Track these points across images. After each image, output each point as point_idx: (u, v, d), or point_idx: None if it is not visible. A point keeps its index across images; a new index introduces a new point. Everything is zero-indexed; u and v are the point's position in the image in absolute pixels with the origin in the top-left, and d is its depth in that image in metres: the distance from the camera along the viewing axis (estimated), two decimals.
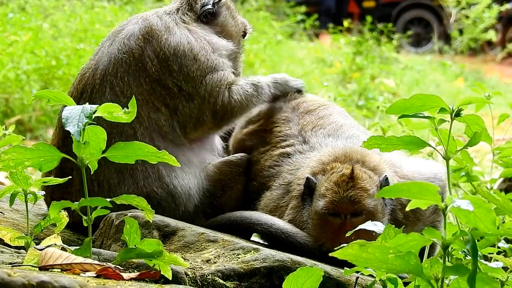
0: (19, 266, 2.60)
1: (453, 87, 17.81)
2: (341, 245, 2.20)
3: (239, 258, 3.09)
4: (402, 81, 16.66)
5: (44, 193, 3.43)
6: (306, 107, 4.11)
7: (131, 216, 3.00)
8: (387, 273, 2.64)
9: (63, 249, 2.74)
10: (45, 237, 3.05)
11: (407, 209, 2.37)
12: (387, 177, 3.55)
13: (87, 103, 2.73)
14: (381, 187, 3.52)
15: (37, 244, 2.89)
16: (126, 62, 3.75)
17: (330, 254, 2.19)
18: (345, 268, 2.63)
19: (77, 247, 2.73)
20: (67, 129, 2.58)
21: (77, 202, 2.66)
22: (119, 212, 3.31)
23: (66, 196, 3.56)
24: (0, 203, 3.66)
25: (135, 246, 2.67)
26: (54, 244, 2.84)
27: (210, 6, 4.07)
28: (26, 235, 3.03)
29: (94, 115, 2.63)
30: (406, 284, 2.64)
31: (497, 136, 4.87)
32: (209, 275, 2.95)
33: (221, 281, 2.96)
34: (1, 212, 3.58)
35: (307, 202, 3.59)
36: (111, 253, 2.87)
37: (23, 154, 2.69)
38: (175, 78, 3.77)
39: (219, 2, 4.11)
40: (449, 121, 2.56)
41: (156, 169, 3.67)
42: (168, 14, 3.96)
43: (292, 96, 4.20)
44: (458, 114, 2.55)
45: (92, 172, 2.71)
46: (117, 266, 2.61)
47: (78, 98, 3.72)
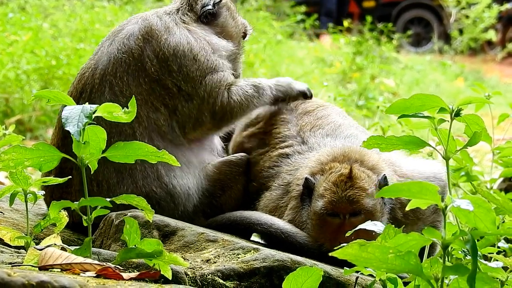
0: (19, 266, 2.60)
1: (453, 87, 17.81)
2: (341, 245, 2.20)
3: (239, 258, 3.09)
4: (402, 81, 16.67)
5: (44, 193, 3.43)
6: (305, 108, 4.11)
7: (131, 216, 3.00)
8: (387, 273, 2.64)
9: (63, 249, 2.74)
10: (45, 237, 3.05)
11: (407, 209, 2.37)
12: (386, 176, 3.55)
13: (87, 103, 2.73)
14: (380, 186, 3.52)
15: (37, 244, 2.88)
16: (126, 62, 3.75)
17: (330, 254, 2.19)
18: (345, 268, 2.63)
19: (77, 247, 2.73)
20: (67, 129, 2.58)
21: (77, 202, 2.66)
22: (119, 212, 3.31)
23: (66, 196, 3.56)
24: (0, 203, 3.66)
25: (135, 246, 2.67)
26: (54, 244, 2.84)
27: (211, 7, 4.07)
28: (26, 235, 3.03)
29: (94, 115, 2.63)
30: (406, 284, 2.64)
31: (497, 136, 4.87)
32: (209, 275, 2.95)
33: (221, 281, 2.96)
34: (1, 212, 3.58)
35: (306, 203, 3.59)
36: (111, 253, 2.87)
37: (23, 154, 2.69)
38: (175, 78, 3.77)
39: (220, 3, 4.10)
40: (449, 121, 2.56)
41: (155, 169, 3.67)
42: (168, 14, 3.95)
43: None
44: (458, 114, 2.55)
45: (92, 172, 2.71)
46: (117, 266, 2.61)
47: (78, 98, 3.71)
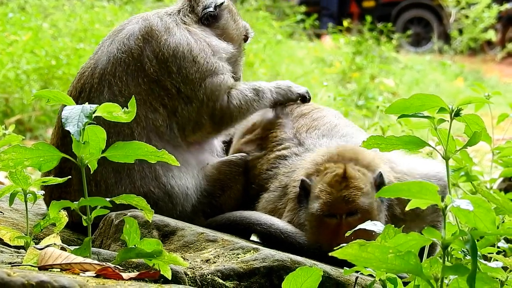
0: (19, 266, 2.60)
1: (453, 87, 17.81)
2: (341, 245, 2.20)
3: (239, 258, 3.09)
4: (402, 81, 16.67)
5: (44, 193, 3.43)
6: (300, 111, 4.12)
7: (131, 216, 3.00)
8: (387, 273, 2.64)
9: (63, 249, 2.73)
10: (45, 237, 3.05)
11: (407, 209, 2.37)
12: (382, 173, 3.55)
13: (86, 102, 2.73)
14: (376, 184, 3.53)
15: (37, 244, 2.88)
16: (125, 62, 3.75)
17: (330, 254, 2.19)
18: (345, 268, 2.63)
19: (77, 247, 2.73)
20: (67, 129, 2.58)
21: (77, 202, 2.66)
22: (119, 212, 3.31)
23: (65, 196, 3.56)
24: (0, 203, 3.66)
25: (135, 246, 2.67)
26: (54, 244, 2.84)
27: (212, 9, 4.06)
28: (26, 235, 3.02)
29: (94, 115, 2.63)
30: (406, 284, 2.64)
31: (497, 136, 4.87)
32: (209, 275, 2.95)
33: (221, 281, 2.96)
34: (1, 212, 3.58)
35: (303, 204, 3.59)
36: (111, 253, 2.87)
37: (23, 154, 2.69)
38: (174, 80, 3.76)
39: (221, 5, 4.10)
40: (449, 121, 2.56)
41: (153, 169, 3.66)
42: (169, 15, 3.95)
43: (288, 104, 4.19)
44: (458, 114, 2.55)
45: (92, 172, 2.71)
46: (117, 266, 2.61)
47: (77, 97, 3.71)
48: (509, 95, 15.24)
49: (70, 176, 3.25)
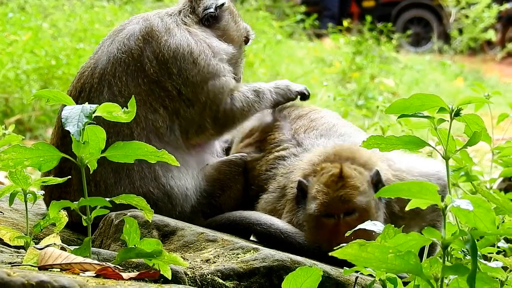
0: (19, 266, 2.60)
1: (453, 87, 17.81)
2: (340, 245, 2.20)
3: (239, 258, 3.09)
4: (402, 81, 16.66)
5: (43, 193, 3.43)
6: (298, 113, 4.13)
7: (131, 216, 3.00)
8: (387, 273, 2.64)
9: (63, 249, 2.73)
10: (45, 237, 3.05)
11: (407, 209, 2.36)
12: (379, 171, 3.55)
13: (86, 102, 2.73)
14: (373, 182, 3.53)
15: (37, 244, 2.88)
16: (125, 62, 3.74)
17: (330, 254, 2.19)
18: (345, 268, 2.63)
19: (77, 247, 2.73)
20: (67, 129, 2.58)
21: (77, 202, 2.66)
22: (119, 212, 3.30)
23: (65, 196, 3.56)
24: (0, 203, 3.66)
25: (135, 246, 2.66)
26: (54, 244, 2.84)
27: (212, 10, 4.06)
28: (26, 235, 3.02)
29: (94, 115, 2.63)
30: (406, 284, 2.64)
31: (497, 136, 4.87)
32: (209, 275, 2.95)
33: (221, 281, 2.95)
34: (1, 212, 3.58)
35: (301, 205, 3.59)
36: (111, 253, 2.87)
37: (23, 154, 2.68)
38: (174, 81, 3.76)
39: (222, 6, 4.09)
40: (449, 121, 2.56)
41: (153, 170, 3.66)
42: (170, 16, 3.95)
43: (282, 106, 4.20)
44: (458, 114, 2.55)
45: (91, 172, 2.71)
46: (117, 266, 2.61)
47: (77, 97, 3.71)
48: (509, 95, 15.23)
49: (70, 176, 3.25)
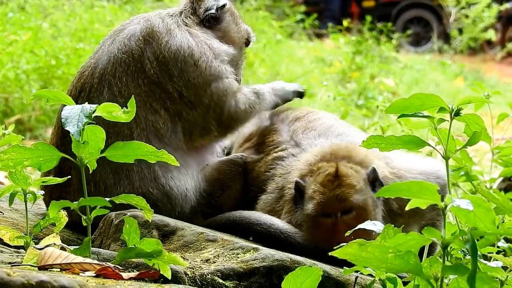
0: (19, 266, 2.60)
1: (453, 87, 17.81)
2: (340, 245, 2.20)
3: (239, 258, 3.09)
4: (402, 81, 16.66)
5: (43, 193, 3.43)
6: (295, 116, 4.16)
7: (131, 216, 2.99)
8: (387, 273, 2.64)
9: (63, 249, 2.73)
10: (45, 237, 3.05)
11: (407, 208, 2.36)
12: (375, 169, 3.55)
13: (85, 102, 2.73)
14: (370, 180, 3.54)
15: (37, 244, 2.88)
16: (125, 62, 3.74)
17: (330, 253, 2.19)
18: (345, 268, 2.63)
19: (77, 247, 2.73)
20: (67, 129, 2.58)
21: (76, 202, 2.66)
22: (119, 212, 3.30)
23: (65, 196, 3.56)
24: (0, 203, 3.66)
25: (135, 246, 2.66)
26: (54, 244, 2.84)
27: (214, 11, 4.06)
28: (26, 235, 3.02)
29: (93, 115, 2.63)
30: (406, 284, 2.64)
31: (497, 136, 4.87)
32: (209, 275, 2.95)
33: (221, 281, 2.95)
34: (1, 212, 3.58)
35: (299, 205, 3.60)
36: (111, 253, 2.87)
37: (22, 154, 2.68)
38: (175, 83, 3.75)
39: (223, 8, 4.10)
40: (449, 121, 2.56)
41: (152, 170, 3.66)
42: (171, 16, 3.95)
43: (279, 110, 4.24)
44: (458, 114, 2.55)
45: (91, 172, 2.71)
46: (117, 266, 2.61)
47: (77, 97, 3.71)
48: (509, 95, 15.23)
49: (70, 176, 3.25)
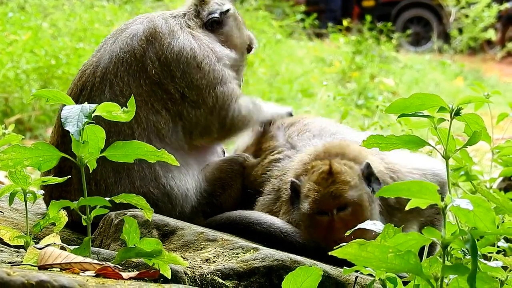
0: (19, 265, 2.60)
1: (453, 86, 17.80)
2: (337, 242, 2.20)
3: (239, 257, 3.09)
4: (402, 80, 16.66)
5: (43, 192, 3.43)
6: (290, 121, 4.21)
7: (130, 215, 3.00)
8: (387, 272, 2.64)
9: (63, 248, 2.73)
10: (45, 236, 3.05)
11: (406, 208, 2.36)
12: (369, 164, 3.56)
13: (86, 101, 2.73)
14: (364, 175, 3.55)
15: (37, 243, 2.88)
16: (127, 62, 3.74)
17: (330, 253, 2.19)
18: (344, 267, 2.63)
19: (77, 246, 2.73)
20: (67, 129, 2.58)
21: (76, 202, 2.66)
22: (119, 212, 3.30)
23: (65, 195, 3.56)
24: (0, 202, 3.66)
25: (134, 245, 2.66)
26: (54, 243, 2.84)
27: (217, 15, 4.07)
28: (26, 234, 3.02)
29: (93, 114, 2.63)
30: (406, 284, 2.64)
31: (497, 135, 4.87)
32: (209, 274, 2.95)
33: (221, 280, 2.95)
34: (1, 212, 3.58)
35: (296, 205, 3.61)
36: (111, 252, 2.87)
37: (22, 154, 2.68)
38: (177, 84, 3.76)
39: (227, 12, 4.11)
40: (449, 120, 2.56)
41: (153, 170, 3.66)
42: (174, 18, 3.95)
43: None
44: (458, 113, 2.55)
45: (91, 171, 2.71)
46: (117, 266, 2.61)
47: (78, 95, 3.71)
48: (509, 95, 15.23)
49: (70, 176, 3.25)
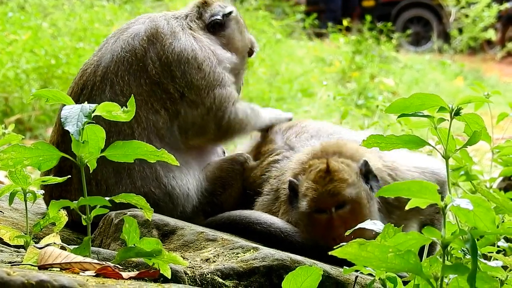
0: (18, 265, 2.60)
1: (453, 86, 17.80)
2: (338, 242, 2.20)
3: (239, 257, 3.09)
4: (402, 80, 16.65)
5: (43, 192, 3.43)
6: (288, 125, 4.23)
7: (130, 215, 3.00)
8: (387, 272, 2.64)
9: (63, 248, 2.73)
10: (45, 236, 3.05)
11: (406, 208, 2.37)
12: (366, 161, 3.56)
13: (87, 100, 2.73)
14: (362, 172, 3.55)
15: (37, 243, 2.88)
16: (128, 61, 3.75)
17: (330, 253, 2.19)
18: (345, 267, 2.63)
19: (76, 246, 2.73)
20: (67, 129, 2.58)
21: (76, 201, 2.66)
22: (119, 211, 3.30)
23: (65, 195, 3.56)
24: (0, 202, 3.66)
25: (134, 245, 2.66)
26: (54, 243, 2.84)
27: (219, 17, 4.08)
28: (26, 234, 3.02)
29: (93, 114, 2.63)
30: (406, 283, 2.64)
31: (496, 135, 4.87)
32: (209, 274, 2.95)
33: (221, 280, 2.95)
34: (1, 211, 3.58)
35: (295, 204, 3.61)
36: (111, 252, 2.87)
37: (22, 153, 2.68)
38: (177, 84, 3.77)
39: (229, 15, 4.12)
40: (449, 120, 2.56)
41: (154, 170, 3.66)
42: (176, 19, 3.96)
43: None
44: (458, 113, 2.55)
45: (91, 171, 2.71)
46: (116, 265, 2.61)
47: (79, 94, 3.71)
48: (509, 94, 15.23)
49: (70, 176, 3.25)
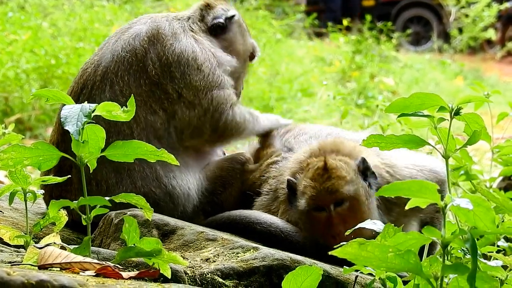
0: (18, 265, 2.60)
1: (453, 86, 17.81)
2: (338, 239, 2.20)
3: (239, 257, 3.09)
4: (402, 80, 16.66)
5: (43, 192, 3.42)
6: (286, 129, 4.24)
7: (130, 215, 3.00)
8: (387, 272, 2.64)
9: (63, 248, 2.73)
10: (44, 236, 3.05)
11: (406, 208, 2.36)
12: (364, 158, 3.57)
13: (87, 100, 2.73)
14: (360, 169, 3.56)
15: (36, 243, 2.88)
16: (128, 61, 3.75)
17: (330, 253, 2.19)
18: (345, 267, 2.63)
19: (76, 246, 2.73)
20: (66, 128, 2.58)
21: (76, 201, 2.66)
22: (119, 211, 3.30)
23: (65, 195, 3.56)
24: (0, 202, 3.66)
25: (134, 245, 2.66)
26: (54, 243, 2.84)
27: (222, 20, 4.08)
28: (26, 234, 3.02)
29: (93, 114, 2.63)
30: (406, 283, 2.64)
31: (496, 135, 4.87)
32: (209, 274, 2.95)
33: (221, 280, 2.95)
34: (1, 211, 3.58)
35: (294, 203, 3.61)
36: (110, 252, 2.87)
37: (22, 153, 2.68)
38: (176, 84, 3.76)
39: (232, 18, 4.11)
40: (449, 120, 2.56)
41: (154, 170, 3.66)
42: (178, 20, 3.96)
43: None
44: (458, 113, 2.55)
45: (91, 171, 2.71)
46: (116, 265, 2.61)
47: (78, 94, 3.71)
48: (509, 94, 15.23)
49: (70, 176, 3.24)
